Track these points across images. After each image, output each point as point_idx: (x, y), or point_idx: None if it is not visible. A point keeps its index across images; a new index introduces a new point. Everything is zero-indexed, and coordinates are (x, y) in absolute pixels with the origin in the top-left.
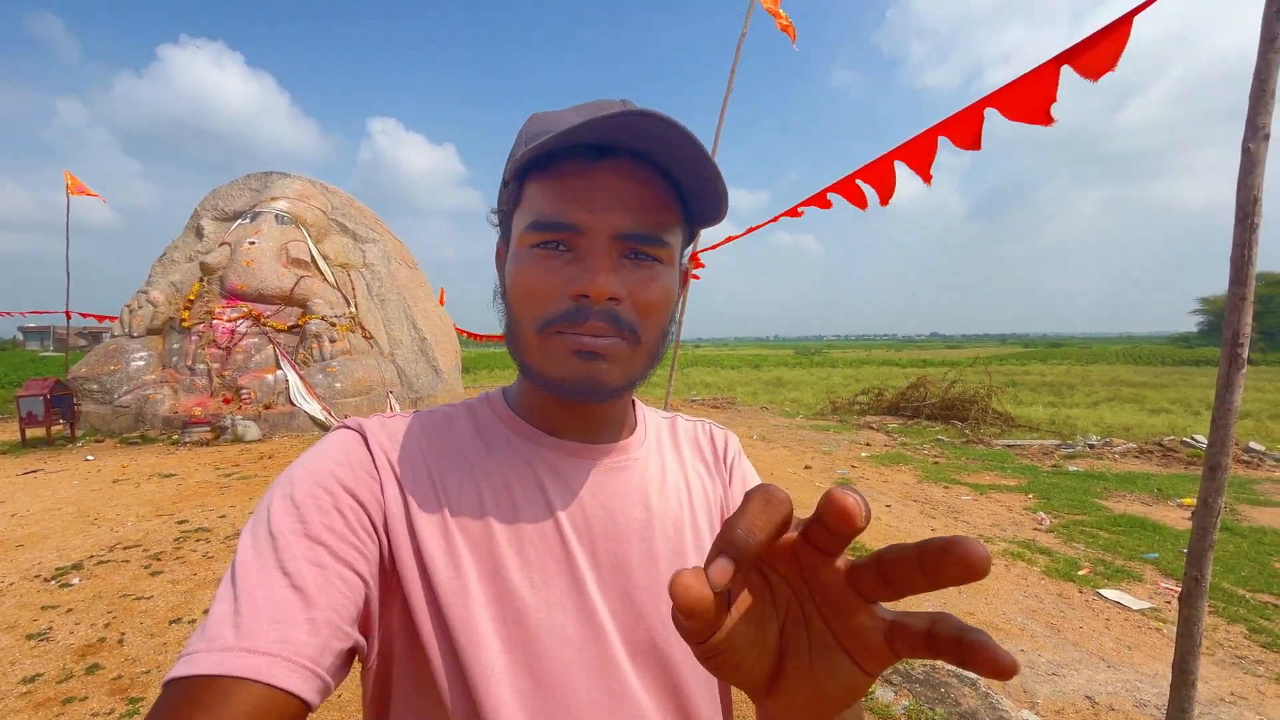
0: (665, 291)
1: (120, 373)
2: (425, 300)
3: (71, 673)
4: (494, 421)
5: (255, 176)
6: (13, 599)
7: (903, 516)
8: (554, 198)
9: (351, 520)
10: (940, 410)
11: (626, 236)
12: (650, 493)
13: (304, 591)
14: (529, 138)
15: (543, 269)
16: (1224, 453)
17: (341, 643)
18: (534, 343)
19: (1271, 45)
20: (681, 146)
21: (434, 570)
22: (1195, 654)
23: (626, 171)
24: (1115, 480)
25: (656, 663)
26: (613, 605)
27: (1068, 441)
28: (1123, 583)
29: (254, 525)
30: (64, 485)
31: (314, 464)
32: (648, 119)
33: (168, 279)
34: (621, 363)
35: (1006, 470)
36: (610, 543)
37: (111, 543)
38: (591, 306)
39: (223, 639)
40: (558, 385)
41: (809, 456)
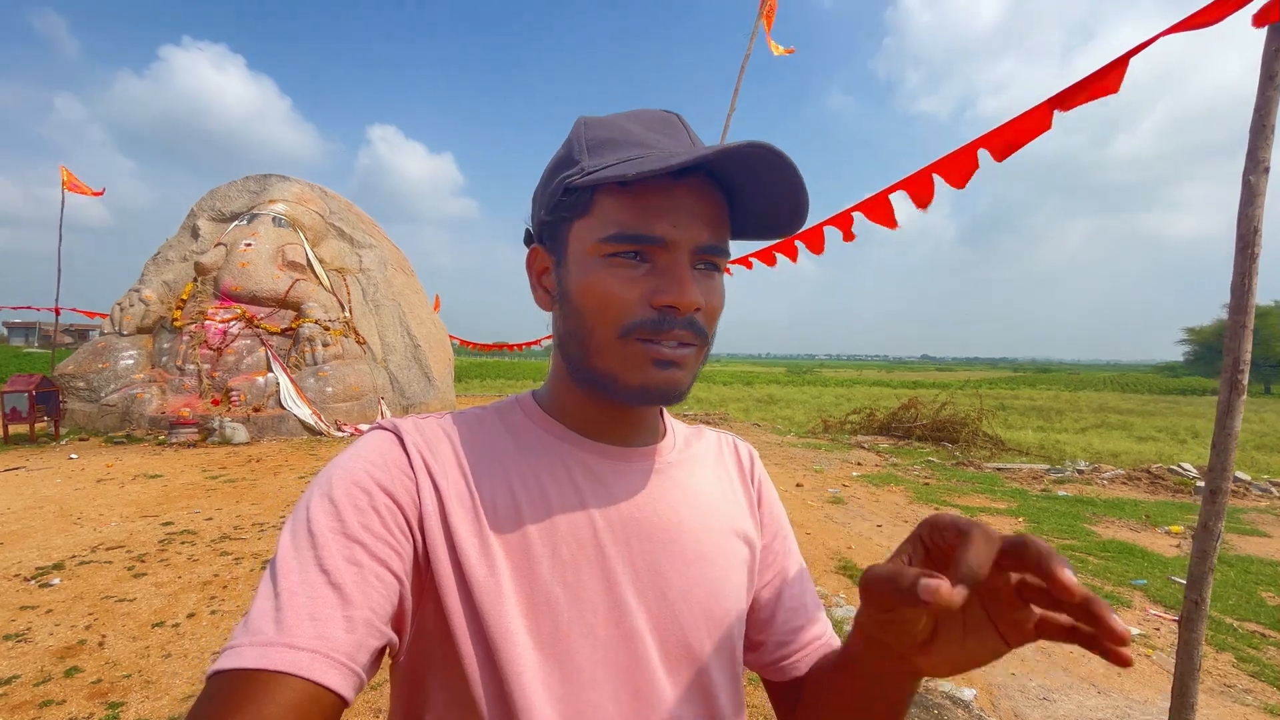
0: (723, 297)
1: (108, 371)
2: (420, 307)
3: (50, 675)
4: (527, 423)
5: (254, 179)
6: None
7: (894, 537)
8: (638, 212)
9: (387, 519)
10: (931, 432)
11: (703, 250)
12: (683, 497)
13: (341, 589)
14: (595, 146)
15: (623, 278)
16: (1224, 477)
17: (377, 640)
18: (613, 347)
19: (1272, 82)
20: (782, 180)
21: (469, 569)
22: (1195, 677)
23: (702, 189)
24: (1104, 506)
25: (688, 665)
26: (647, 606)
27: (1057, 466)
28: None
29: (294, 523)
30: (47, 484)
31: (351, 464)
32: (768, 152)
33: (161, 278)
34: (691, 368)
35: (996, 493)
36: (644, 544)
37: (94, 543)
38: (677, 316)
39: (265, 633)
40: (634, 391)
41: (800, 474)
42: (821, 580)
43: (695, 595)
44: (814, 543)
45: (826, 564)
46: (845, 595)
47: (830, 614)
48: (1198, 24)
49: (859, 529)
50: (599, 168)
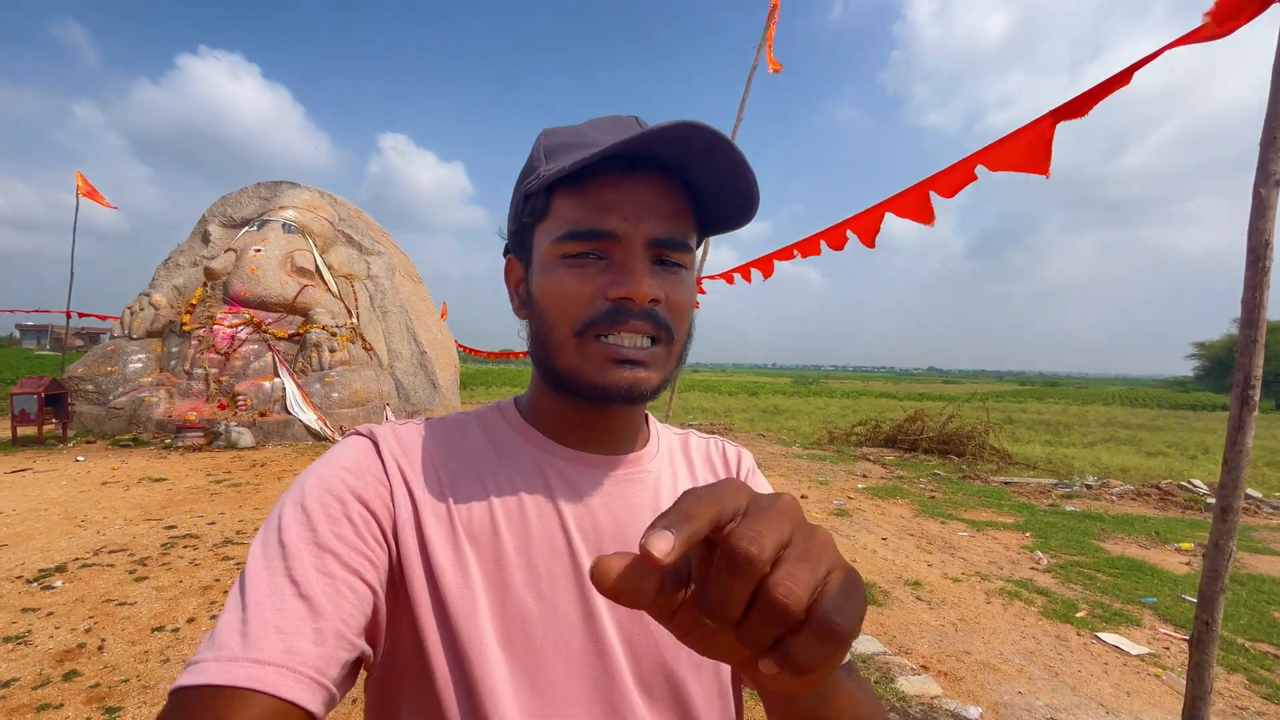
0: (691, 293)
1: (117, 374)
2: (427, 314)
3: (48, 679)
4: (506, 430)
5: (265, 185)
6: None
7: (899, 550)
8: (590, 208)
9: (361, 528)
10: (937, 444)
11: (658, 242)
12: (662, 505)
13: (311, 601)
14: (550, 151)
15: (578, 275)
16: (1235, 495)
17: (348, 653)
18: (571, 346)
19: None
20: (722, 157)
21: (442, 579)
22: (1207, 700)
23: (655, 182)
24: (1113, 522)
25: (663, 679)
26: (619, 618)
27: (1065, 481)
28: (1121, 626)
29: (265, 533)
30: (52, 485)
31: (326, 470)
32: (700, 130)
33: (171, 282)
34: (658, 366)
35: (1003, 507)
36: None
37: (97, 546)
38: (632, 309)
39: (230, 648)
40: (595, 390)
41: (805, 486)
42: None
43: None
44: None
45: None
46: None
47: None
48: (1198, 39)
49: (864, 542)
50: (550, 170)
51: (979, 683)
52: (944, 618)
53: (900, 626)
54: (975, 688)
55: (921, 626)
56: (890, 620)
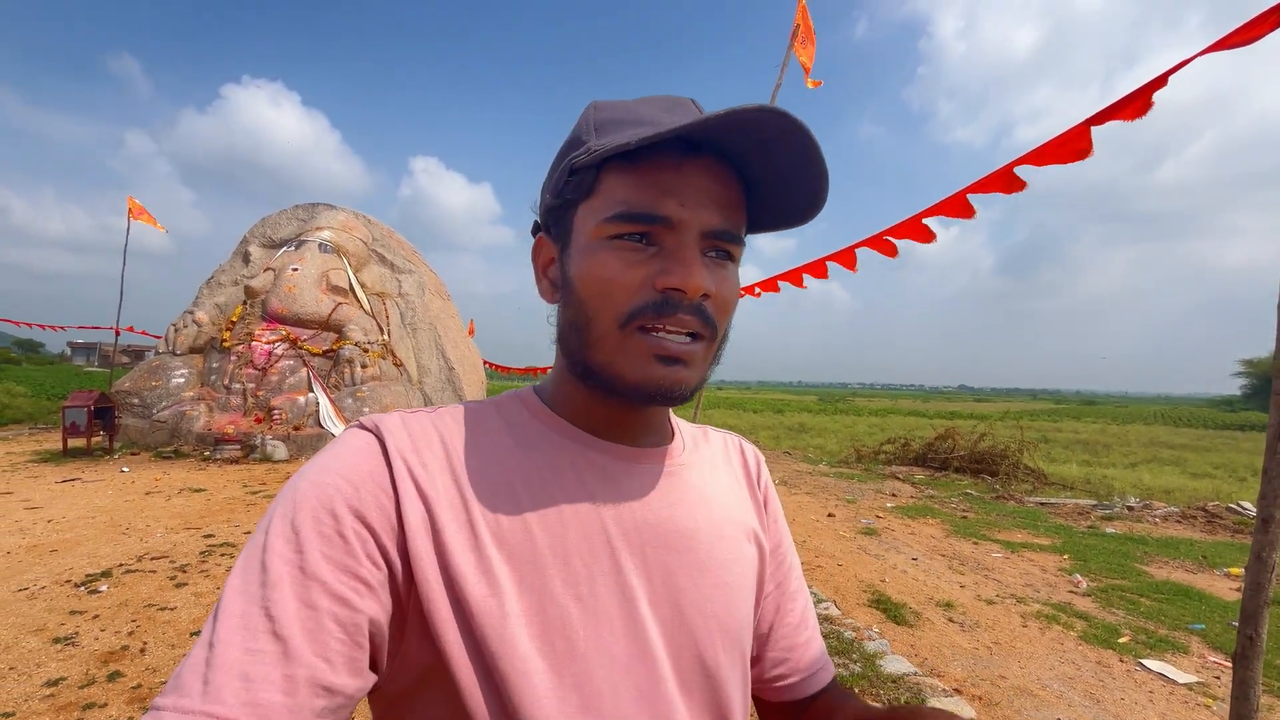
0: (737, 289)
1: (161, 388)
2: (455, 331)
3: (94, 679)
4: (530, 420)
5: (303, 207)
6: (43, 602)
7: (930, 571)
8: (646, 189)
9: (356, 548)
10: (969, 463)
11: (713, 234)
12: (697, 501)
13: (286, 641)
14: (601, 125)
15: (627, 260)
16: (1277, 505)
17: (324, 700)
18: (613, 338)
19: None
20: (795, 147)
21: (465, 588)
22: (1254, 699)
23: (715, 169)
24: (1156, 545)
25: (704, 681)
26: (662, 619)
27: (1104, 502)
28: (1167, 654)
29: (249, 552)
30: (100, 495)
31: (319, 477)
32: (780, 115)
33: (213, 300)
34: (698, 366)
35: (1039, 529)
36: (660, 552)
37: (140, 553)
38: (683, 301)
39: (190, 696)
40: (633, 388)
41: (832, 504)
42: (853, 613)
43: (710, 607)
44: (846, 574)
45: (859, 597)
46: (879, 629)
47: (863, 648)
48: (1235, 43)
49: (893, 561)
50: (605, 145)
51: (1015, 708)
52: (978, 640)
53: (932, 648)
54: (1012, 713)
55: (954, 649)
56: (922, 642)
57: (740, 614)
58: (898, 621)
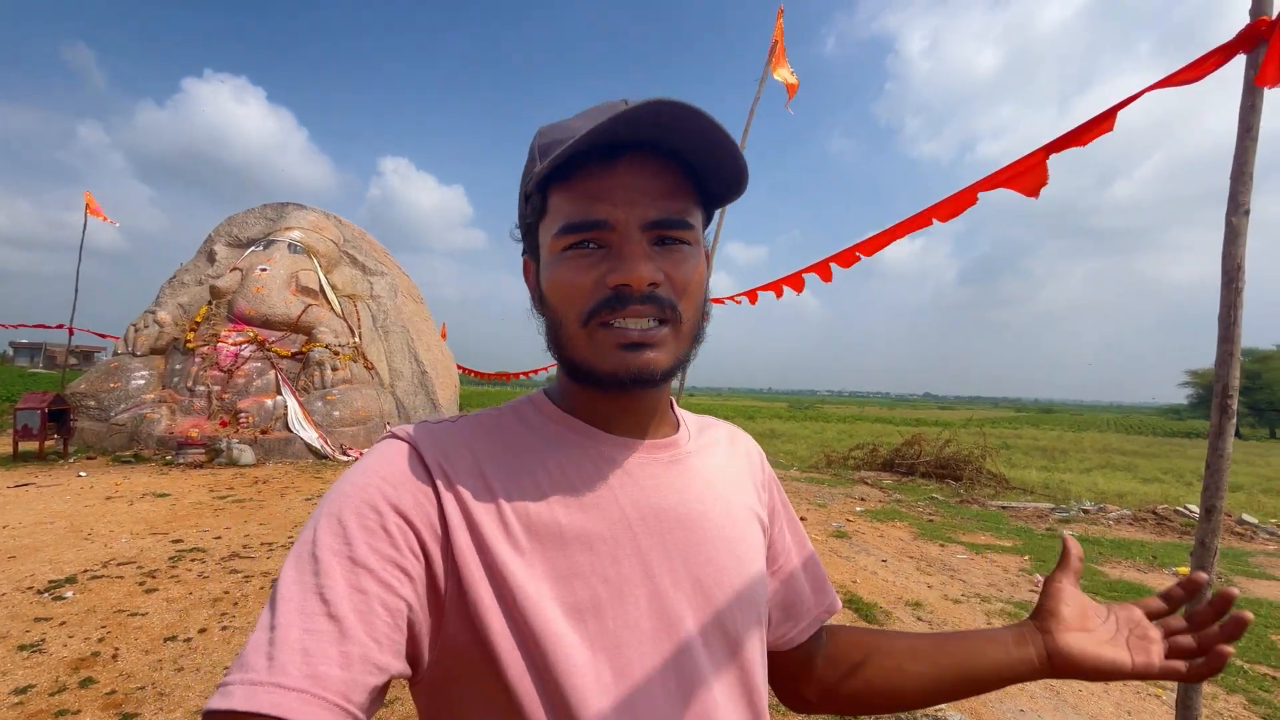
0: (696, 270)
1: (119, 390)
2: (428, 334)
3: (65, 685)
4: (544, 421)
5: (272, 207)
6: (4, 610)
7: (899, 572)
8: (580, 200)
9: (399, 540)
10: (934, 469)
11: (653, 224)
12: (706, 485)
13: (341, 621)
14: (543, 149)
15: (579, 266)
16: (1218, 495)
17: (374, 678)
18: (580, 336)
19: (1248, 134)
20: (697, 128)
21: (505, 575)
22: (1198, 694)
23: (644, 164)
24: (1110, 546)
25: (727, 648)
26: (684, 593)
27: (1062, 505)
28: None
29: (299, 546)
30: (56, 500)
31: (362, 479)
32: (670, 105)
33: (176, 300)
34: (668, 347)
35: (1001, 531)
36: (676, 533)
37: (105, 559)
38: (632, 294)
39: (256, 670)
40: (608, 377)
41: (804, 509)
42: None
43: (727, 580)
44: None
45: None
46: None
47: None
48: (1178, 82)
49: (864, 563)
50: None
51: (981, 701)
52: None
53: None
54: (978, 705)
55: None
56: None
57: (755, 584)
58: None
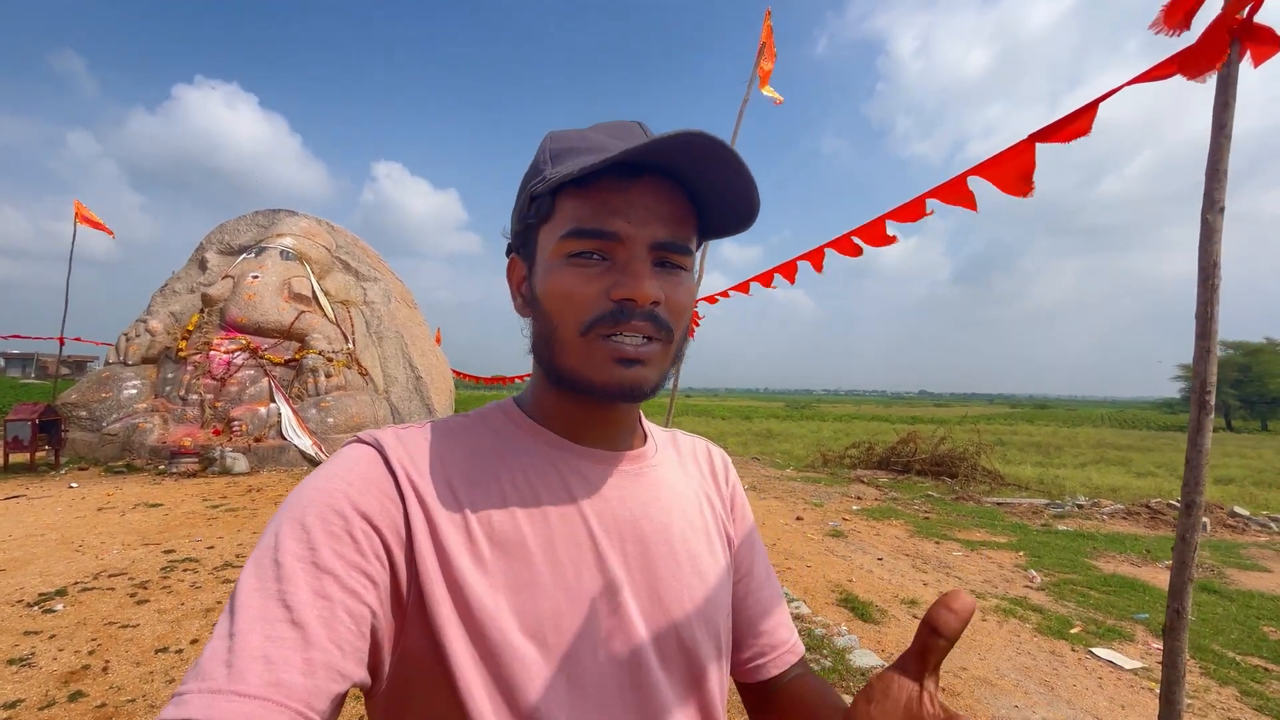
0: (690, 294)
1: (111, 400)
2: (423, 339)
3: (54, 699)
4: (513, 429)
5: (263, 213)
6: None
7: (895, 570)
8: (595, 209)
9: (364, 545)
10: (930, 466)
11: (660, 245)
12: (670, 499)
13: (304, 628)
14: (555, 154)
15: (583, 275)
16: (1198, 491)
17: (338, 685)
18: (576, 345)
19: (1222, 131)
20: (724, 164)
21: (465, 585)
22: (1180, 684)
23: (658, 187)
24: (1104, 540)
25: (684, 664)
26: (643, 606)
27: (1056, 501)
28: (1115, 642)
29: (260, 551)
30: (47, 511)
31: (327, 484)
32: (706, 139)
33: (167, 309)
34: (657, 365)
35: (996, 527)
36: (638, 546)
37: (96, 570)
38: (635, 309)
39: (215, 679)
40: (598, 389)
41: (800, 508)
42: (823, 611)
43: (687, 594)
44: (814, 575)
45: (828, 596)
46: (847, 626)
47: (832, 644)
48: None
49: (860, 562)
50: (558, 173)
51: (976, 697)
52: None
53: (897, 643)
54: (973, 702)
55: None
56: (887, 637)
57: (715, 599)
58: (865, 619)
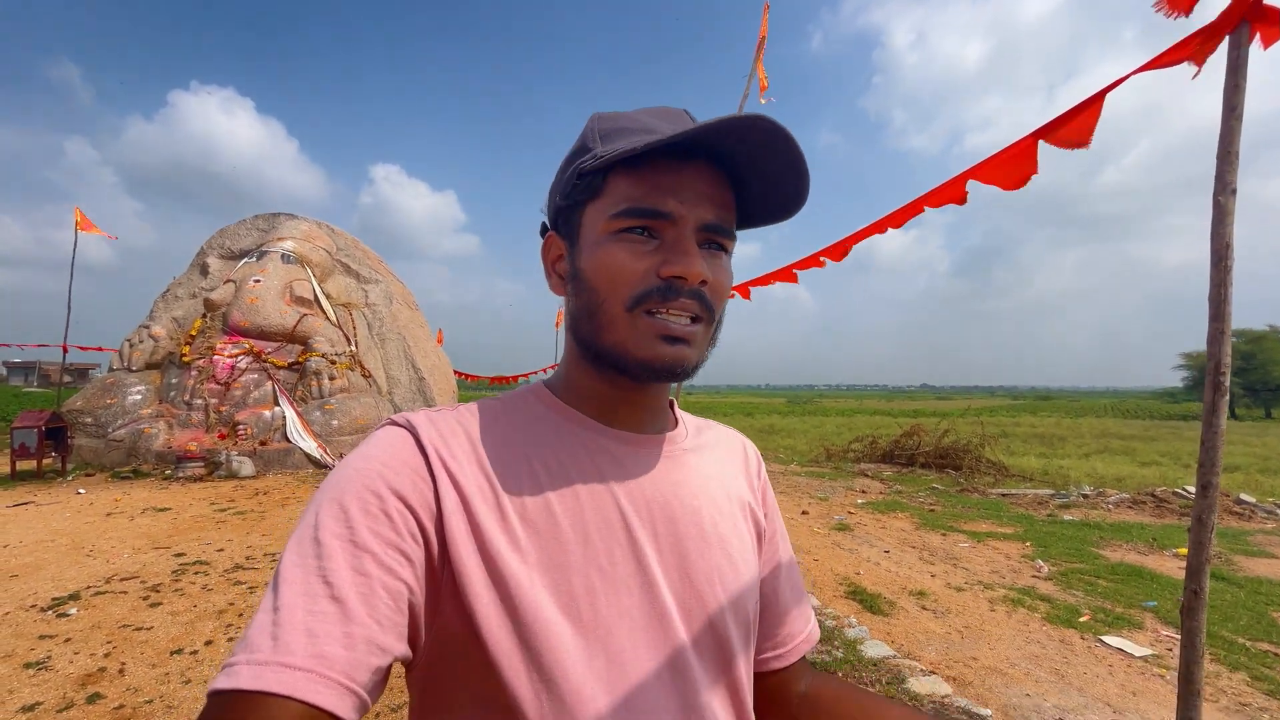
0: (730, 278)
1: (116, 406)
2: (425, 340)
3: (72, 701)
4: (545, 412)
5: (263, 217)
6: (9, 628)
7: (902, 562)
8: (648, 188)
9: (399, 524)
10: (934, 459)
11: (709, 227)
12: (701, 483)
13: (344, 603)
14: (605, 134)
15: (633, 251)
16: (1213, 472)
17: (378, 659)
18: (622, 320)
19: (1233, 113)
20: (780, 152)
21: (500, 563)
22: (1199, 664)
23: (709, 172)
24: (1110, 530)
25: (713, 641)
26: (674, 585)
27: (1061, 491)
28: (1123, 630)
29: (301, 530)
30: (56, 517)
31: (363, 465)
32: (767, 124)
33: (170, 314)
34: (698, 345)
35: (1002, 518)
36: (669, 526)
37: (108, 574)
38: (684, 287)
39: (261, 650)
40: (641, 364)
41: (805, 502)
42: (832, 604)
43: (717, 577)
44: (821, 569)
45: (836, 589)
46: (855, 618)
47: (843, 635)
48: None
49: (867, 554)
50: (611, 151)
51: (987, 686)
52: (950, 626)
53: (907, 635)
54: (984, 691)
55: (928, 634)
56: (897, 629)
57: (744, 583)
58: (874, 611)
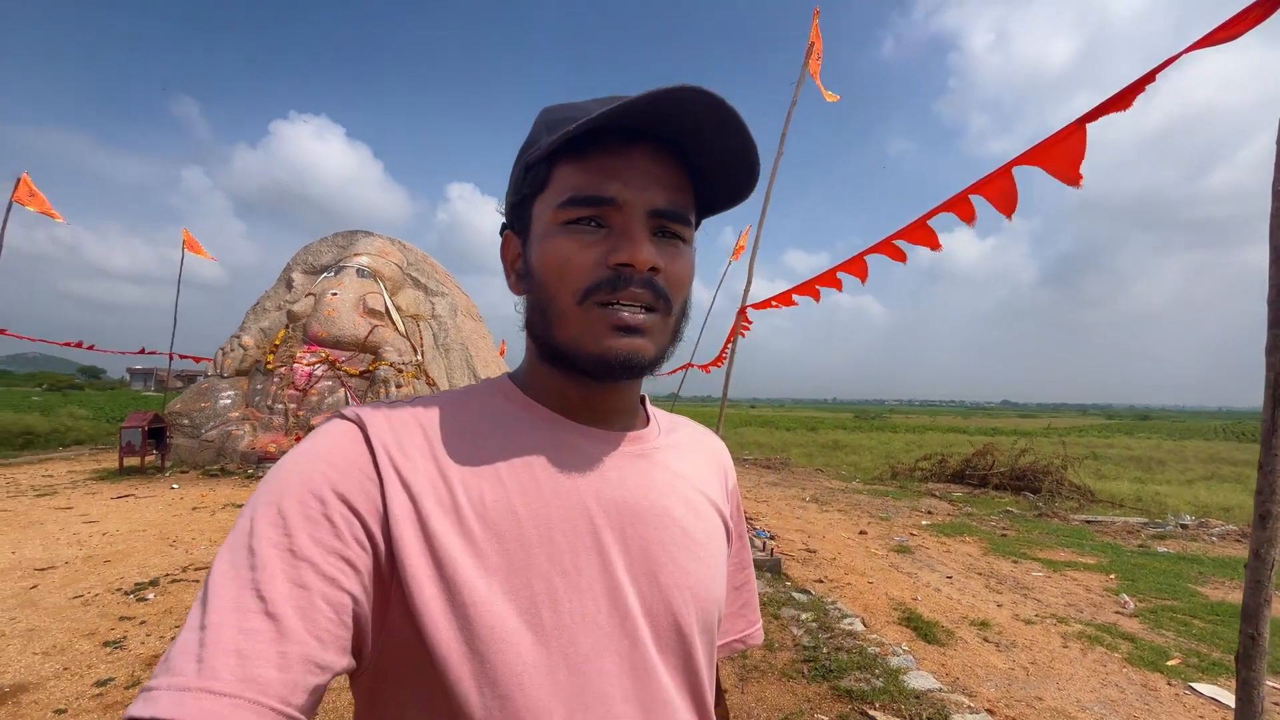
0: (690, 267)
1: (209, 409)
2: (486, 351)
3: (139, 680)
4: (507, 406)
5: (342, 235)
6: (96, 609)
7: (966, 589)
8: (591, 175)
9: (343, 530)
10: (1009, 480)
11: (659, 213)
12: (671, 482)
13: (279, 620)
14: (551, 125)
15: (580, 242)
16: (1274, 500)
17: (316, 678)
18: (573, 315)
19: None
20: (721, 122)
21: (453, 569)
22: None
23: (657, 155)
24: (1212, 564)
25: (679, 646)
26: (640, 589)
27: (1157, 520)
28: (1220, 678)
29: (234, 538)
30: (150, 509)
31: (304, 464)
32: (703, 94)
33: (258, 325)
34: (655, 336)
35: (1085, 547)
36: (638, 528)
37: (185, 564)
38: (633, 275)
39: (184, 674)
40: (595, 360)
41: (865, 522)
42: (882, 630)
43: (684, 579)
44: (875, 592)
45: (889, 614)
46: (908, 646)
47: (886, 663)
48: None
49: (926, 579)
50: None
51: (977, 679)
52: (1014, 661)
53: (964, 668)
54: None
55: (988, 669)
56: (953, 661)
57: (712, 586)
58: (929, 640)
